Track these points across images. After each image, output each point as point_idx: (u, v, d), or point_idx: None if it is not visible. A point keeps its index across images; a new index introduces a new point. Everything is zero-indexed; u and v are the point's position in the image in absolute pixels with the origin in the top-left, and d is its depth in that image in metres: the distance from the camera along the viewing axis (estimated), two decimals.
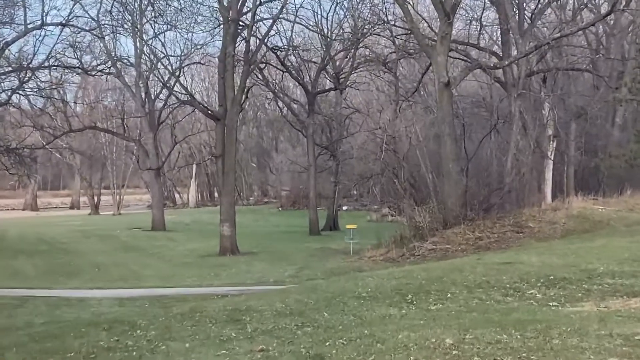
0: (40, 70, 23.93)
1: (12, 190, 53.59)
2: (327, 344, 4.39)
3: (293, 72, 27.98)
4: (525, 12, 20.28)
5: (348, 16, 27.45)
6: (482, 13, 22.41)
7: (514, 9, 19.11)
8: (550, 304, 5.76)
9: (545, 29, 23.03)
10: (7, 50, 21.79)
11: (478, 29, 22.59)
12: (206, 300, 8.54)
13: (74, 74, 28.99)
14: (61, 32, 23.85)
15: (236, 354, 4.36)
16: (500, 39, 21.98)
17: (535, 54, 19.27)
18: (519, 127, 18.78)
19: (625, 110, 23.14)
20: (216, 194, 49.23)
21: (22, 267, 16.31)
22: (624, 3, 17.79)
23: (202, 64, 34.61)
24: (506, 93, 20.38)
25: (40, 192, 53.78)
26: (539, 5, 20.46)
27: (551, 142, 21.28)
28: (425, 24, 23.27)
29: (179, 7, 23.57)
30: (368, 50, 28.52)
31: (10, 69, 22.28)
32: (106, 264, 16.75)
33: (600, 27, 24.47)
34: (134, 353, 4.59)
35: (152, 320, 6.07)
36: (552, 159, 21.48)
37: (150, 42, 27.24)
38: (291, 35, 27.55)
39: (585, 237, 12.79)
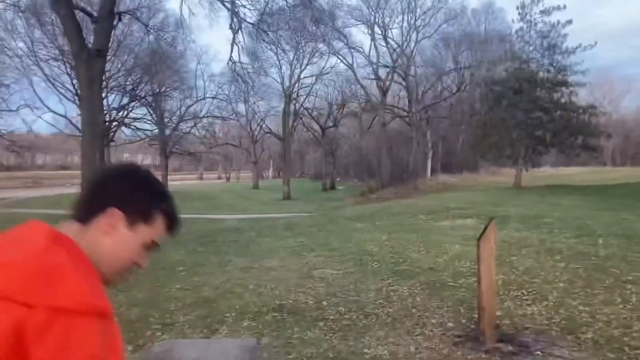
0: None
1: None
2: (330, 238, 11.66)
3: None
4: None
5: None
6: None
7: None
8: (429, 221, 13.81)
9: None
10: None
11: None
12: (277, 220, 18.49)
13: None
14: None
15: (289, 242, 11.40)
16: None
17: None
18: None
19: None
20: None
21: (194, 204, 30.05)
22: None
23: None
24: None
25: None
26: None
27: None
28: None
29: None
30: None
31: None
32: (232, 203, 33.97)
33: None
34: (245, 242, 11.71)
35: (253, 227, 14.94)
36: None
37: None
38: None
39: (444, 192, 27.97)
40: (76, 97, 28.99)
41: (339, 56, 39.69)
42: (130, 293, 7.21)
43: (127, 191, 1.22)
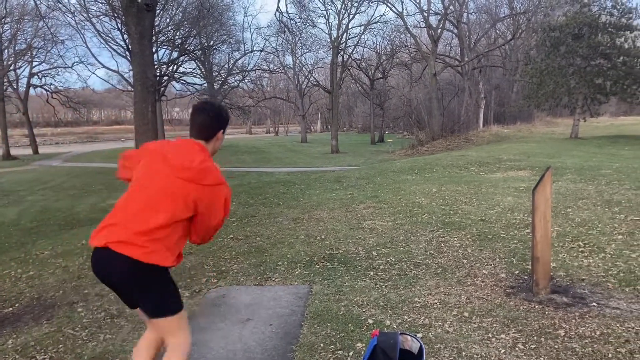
0: None
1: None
2: (379, 190, 11.58)
3: None
4: None
5: None
6: None
7: None
8: (481, 173, 13.64)
9: None
10: None
11: None
12: (325, 173, 18.66)
13: None
14: None
15: (338, 194, 11.41)
16: None
17: None
18: None
19: None
20: None
21: (244, 158, 34.79)
22: None
23: None
24: None
25: None
26: None
27: None
28: None
29: None
30: None
31: None
32: (281, 157, 35.24)
33: None
34: (295, 195, 11.81)
35: (302, 180, 14.96)
36: None
37: None
38: None
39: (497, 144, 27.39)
40: (127, 53, 29.45)
41: (388, 4, 38.61)
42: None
43: (226, 122, 2.89)
